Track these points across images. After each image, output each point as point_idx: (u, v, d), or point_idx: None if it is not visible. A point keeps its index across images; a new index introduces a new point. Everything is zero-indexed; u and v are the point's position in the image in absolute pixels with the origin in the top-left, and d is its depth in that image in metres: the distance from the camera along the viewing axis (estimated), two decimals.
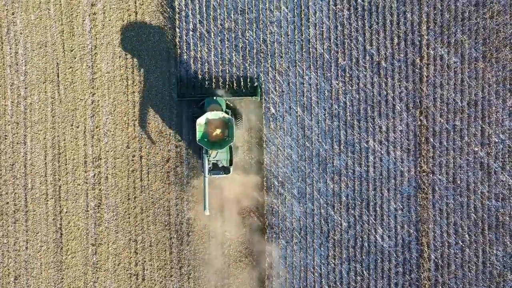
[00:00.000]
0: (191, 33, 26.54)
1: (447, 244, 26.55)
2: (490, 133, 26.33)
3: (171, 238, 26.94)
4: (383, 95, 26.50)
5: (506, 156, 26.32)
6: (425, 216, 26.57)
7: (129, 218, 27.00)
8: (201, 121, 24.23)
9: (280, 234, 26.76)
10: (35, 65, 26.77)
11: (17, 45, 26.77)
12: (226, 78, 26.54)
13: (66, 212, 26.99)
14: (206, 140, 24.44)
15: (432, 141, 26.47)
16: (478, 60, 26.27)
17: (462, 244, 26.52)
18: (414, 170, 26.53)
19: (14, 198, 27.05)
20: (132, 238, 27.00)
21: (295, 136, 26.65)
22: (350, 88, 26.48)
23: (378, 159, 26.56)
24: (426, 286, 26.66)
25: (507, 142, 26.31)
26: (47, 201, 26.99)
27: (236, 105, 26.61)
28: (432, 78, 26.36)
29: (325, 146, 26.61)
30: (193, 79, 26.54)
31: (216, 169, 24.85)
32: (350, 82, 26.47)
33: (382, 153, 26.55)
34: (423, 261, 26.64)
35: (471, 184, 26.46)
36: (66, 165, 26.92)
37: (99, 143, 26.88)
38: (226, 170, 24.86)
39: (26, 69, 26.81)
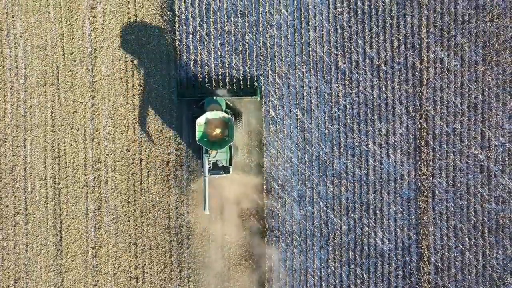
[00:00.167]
0: (191, 36, 26.52)
1: (447, 247, 26.53)
2: (490, 136, 26.31)
3: (171, 241, 26.92)
4: (383, 98, 26.48)
5: (506, 159, 26.30)
6: (425, 219, 26.55)
7: (129, 221, 26.98)
8: (201, 120, 24.26)
9: (280, 237, 26.74)
10: (35, 68, 26.76)
11: (17, 48, 26.77)
12: (226, 81, 26.52)
13: (66, 215, 26.97)
14: (206, 140, 24.46)
15: (432, 144, 26.45)
16: (478, 63, 26.25)
17: (462, 247, 26.50)
18: (414, 173, 26.51)
19: (14, 201, 27.04)
20: (132, 241, 26.98)
21: (295, 139, 26.64)
22: (350, 91, 26.46)
23: (378, 162, 26.54)
24: None
25: (507, 145, 26.29)
26: (47, 204, 26.97)
27: (236, 105, 26.59)
28: (432, 81, 26.34)
29: (325, 149, 26.59)
30: (193, 81, 26.54)
31: (216, 169, 24.92)
32: (350, 85, 26.45)
33: (382, 156, 26.53)
34: (423, 264, 26.61)
35: (471, 187, 26.44)
36: (66, 168, 26.91)
37: (99, 146, 26.86)
38: (226, 169, 24.93)
39: (26, 72, 26.80)
